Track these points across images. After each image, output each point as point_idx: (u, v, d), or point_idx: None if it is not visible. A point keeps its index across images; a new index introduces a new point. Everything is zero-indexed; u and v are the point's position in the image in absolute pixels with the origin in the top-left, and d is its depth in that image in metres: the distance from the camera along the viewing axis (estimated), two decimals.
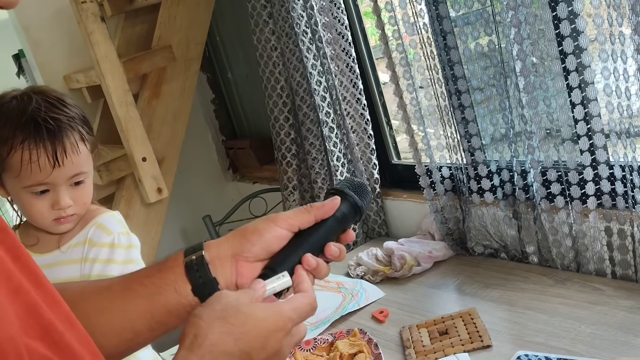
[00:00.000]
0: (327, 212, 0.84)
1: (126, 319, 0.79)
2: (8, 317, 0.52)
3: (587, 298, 1.41)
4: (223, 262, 0.81)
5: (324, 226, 0.84)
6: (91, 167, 1.39)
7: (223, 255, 0.81)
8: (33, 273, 0.59)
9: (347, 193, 0.86)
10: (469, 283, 1.62)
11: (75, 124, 1.33)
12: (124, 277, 0.85)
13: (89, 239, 1.41)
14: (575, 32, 1.33)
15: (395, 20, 1.67)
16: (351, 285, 1.74)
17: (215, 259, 0.81)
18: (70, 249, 1.42)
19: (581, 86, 1.36)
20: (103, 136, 2.47)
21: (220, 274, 0.80)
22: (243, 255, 0.81)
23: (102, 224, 1.42)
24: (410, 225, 2.02)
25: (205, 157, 2.91)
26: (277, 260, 0.82)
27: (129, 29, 2.41)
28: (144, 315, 0.79)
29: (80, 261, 1.41)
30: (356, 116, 2.01)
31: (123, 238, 1.42)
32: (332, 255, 0.84)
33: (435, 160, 1.74)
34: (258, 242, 0.81)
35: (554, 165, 1.49)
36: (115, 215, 1.47)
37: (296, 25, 1.94)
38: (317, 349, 1.46)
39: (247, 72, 2.74)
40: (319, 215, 0.84)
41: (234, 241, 0.82)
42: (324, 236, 0.84)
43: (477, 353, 1.31)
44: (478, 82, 1.58)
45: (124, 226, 1.45)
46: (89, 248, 1.40)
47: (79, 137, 1.33)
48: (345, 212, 0.86)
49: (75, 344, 0.59)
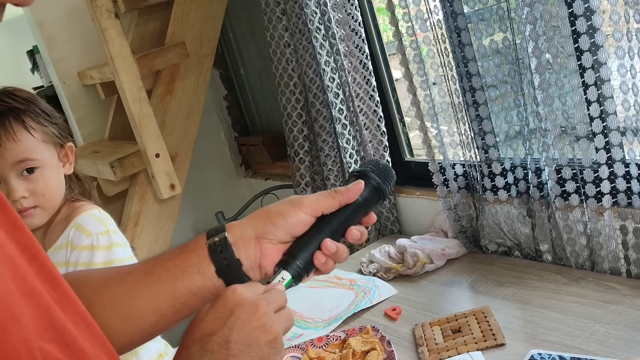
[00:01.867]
0: (352, 197, 0.84)
1: (150, 303, 0.80)
2: (24, 319, 0.52)
3: (602, 297, 1.40)
4: (246, 244, 0.82)
5: (346, 211, 0.84)
6: (47, 158, 1.40)
7: (246, 237, 0.82)
8: (49, 273, 0.59)
9: (371, 177, 0.85)
10: (482, 281, 1.62)
11: (19, 112, 1.36)
12: (145, 262, 0.86)
13: (70, 242, 1.41)
14: (592, 29, 1.31)
15: (409, 16, 1.66)
16: (364, 283, 1.73)
17: (238, 240, 0.81)
18: (56, 252, 1.42)
19: (597, 83, 1.35)
20: (117, 132, 2.48)
21: (243, 255, 0.81)
22: (267, 238, 0.82)
23: (81, 225, 1.41)
24: (423, 223, 2.01)
25: (218, 154, 2.91)
26: (298, 247, 0.83)
27: (143, 25, 2.42)
28: (167, 299, 0.80)
29: (64, 264, 1.41)
30: (369, 113, 2.01)
31: (102, 238, 1.40)
32: (353, 238, 0.84)
33: (448, 157, 1.74)
34: (282, 226, 0.82)
35: (569, 163, 1.48)
36: (94, 213, 1.44)
37: (309, 21, 1.94)
38: (329, 345, 1.46)
39: (260, 69, 2.74)
40: (344, 201, 0.84)
41: (257, 223, 0.83)
42: (345, 221, 0.84)
43: (491, 351, 1.30)
44: (492, 79, 1.57)
45: (104, 224, 1.43)
46: (71, 251, 1.40)
47: (20, 126, 1.35)
48: (367, 196, 0.85)
49: (89, 347, 0.59)
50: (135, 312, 0.79)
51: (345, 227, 0.84)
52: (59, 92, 2.49)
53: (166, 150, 2.25)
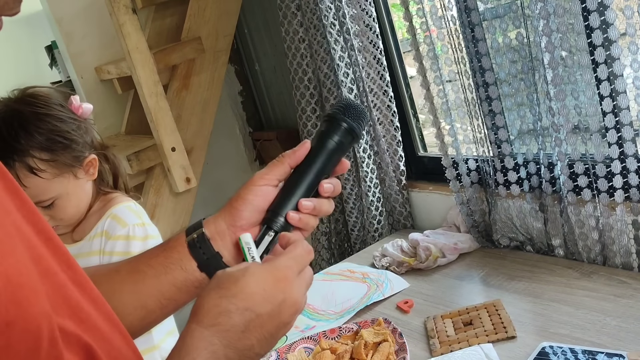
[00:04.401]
0: (299, 157, 0.84)
1: (137, 299, 0.82)
2: (41, 295, 0.54)
3: (613, 291, 1.40)
4: (223, 237, 0.83)
5: (317, 161, 0.84)
6: (62, 188, 1.38)
7: (220, 230, 0.84)
8: (64, 255, 0.62)
9: (340, 118, 0.84)
10: (494, 275, 1.63)
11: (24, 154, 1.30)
12: (130, 260, 0.88)
13: (105, 231, 1.42)
14: (605, 24, 1.32)
15: (423, 12, 1.67)
16: (376, 276, 1.75)
17: (214, 234, 0.83)
18: (90, 241, 1.44)
19: (610, 79, 1.35)
20: (133, 126, 2.51)
21: (222, 248, 0.83)
22: (237, 225, 0.83)
23: (117, 215, 1.43)
24: (435, 217, 2.02)
25: (232, 149, 2.93)
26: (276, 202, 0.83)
27: (159, 20, 2.44)
28: (153, 294, 0.82)
29: (99, 252, 1.43)
30: (383, 108, 2.02)
31: (138, 229, 1.42)
32: (326, 192, 0.85)
33: (461, 152, 1.75)
34: (244, 207, 0.83)
35: (582, 157, 1.48)
36: (130, 206, 1.46)
37: (324, 17, 1.95)
38: (342, 337, 1.48)
39: (274, 64, 2.75)
40: (293, 163, 0.85)
41: (225, 214, 0.85)
42: (318, 172, 0.84)
43: (502, 344, 1.31)
44: (505, 75, 1.58)
45: (139, 217, 1.45)
46: (106, 240, 1.42)
47: (27, 171, 1.31)
48: (340, 138, 0.85)
49: (102, 323, 0.62)
50: (123, 309, 0.80)
51: (318, 180, 0.84)
52: (77, 86, 2.52)
53: (182, 144, 2.27)
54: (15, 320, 0.50)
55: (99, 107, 2.50)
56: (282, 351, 1.45)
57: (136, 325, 0.83)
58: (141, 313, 0.83)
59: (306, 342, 1.47)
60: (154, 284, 0.82)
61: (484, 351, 1.28)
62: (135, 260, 0.87)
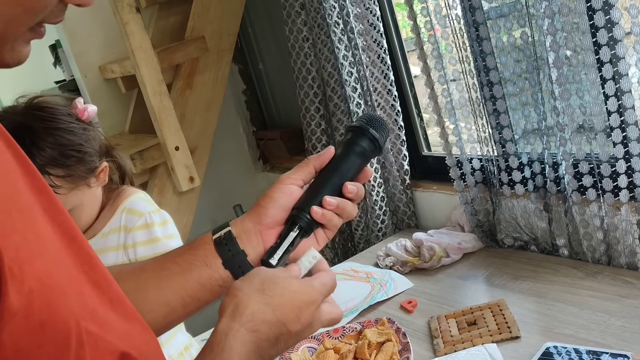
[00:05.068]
0: (324, 160, 0.88)
1: (161, 296, 0.83)
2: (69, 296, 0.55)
3: (618, 291, 1.40)
4: (249, 236, 0.86)
5: (342, 165, 0.88)
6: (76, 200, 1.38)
7: (247, 229, 0.86)
8: (87, 254, 0.63)
9: (364, 127, 0.89)
10: (498, 275, 1.62)
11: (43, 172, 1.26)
12: (156, 258, 0.90)
13: (123, 226, 1.44)
14: (610, 23, 1.31)
15: (428, 11, 1.67)
16: (380, 276, 1.75)
17: (241, 233, 0.86)
18: (104, 237, 1.44)
19: (615, 78, 1.35)
20: (137, 125, 2.51)
21: (248, 247, 0.85)
22: (263, 223, 0.86)
23: (131, 208, 1.44)
24: (439, 217, 2.02)
25: (236, 148, 2.93)
26: (301, 199, 0.87)
27: (163, 19, 2.44)
28: (177, 291, 0.83)
29: (116, 248, 1.43)
30: (387, 107, 2.02)
31: (155, 216, 1.44)
32: (350, 193, 0.87)
33: (465, 151, 1.74)
34: (271, 204, 0.86)
35: (586, 157, 1.48)
36: (141, 196, 1.48)
37: (328, 16, 1.95)
38: (345, 336, 1.47)
39: (278, 63, 2.75)
40: (318, 165, 0.88)
41: (252, 213, 0.87)
42: (342, 174, 0.88)
43: (506, 344, 1.31)
44: (510, 74, 1.58)
45: (152, 204, 1.47)
46: (126, 234, 1.43)
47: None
48: (364, 146, 0.89)
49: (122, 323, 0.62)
50: (147, 305, 0.82)
51: (341, 182, 0.87)
52: (81, 85, 2.52)
53: (185, 143, 2.27)
54: (47, 321, 0.51)
55: (103, 106, 2.51)
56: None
57: (160, 322, 0.84)
58: (164, 310, 0.84)
59: (310, 341, 1.47)
60: (178, 280, 0.84)
61: (488, 351, 1.28)
62: (160, 258, 0.89)
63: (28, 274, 0.51)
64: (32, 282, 0.51)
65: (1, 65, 0.59)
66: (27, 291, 0.50)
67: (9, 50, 0.58)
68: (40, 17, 0.58)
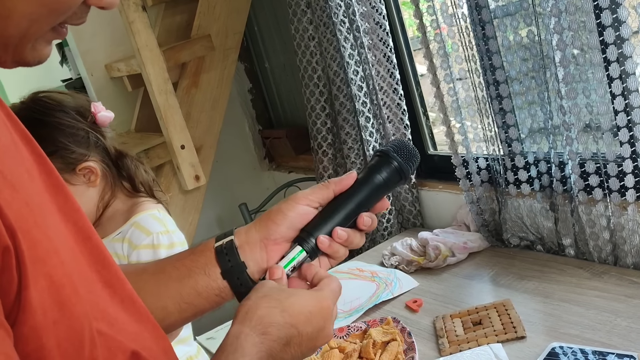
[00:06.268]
0: (345, 186, 0.85)
1: (158, 299, 0.82)
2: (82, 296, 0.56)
3: (624, 291, 1.39)
4: (252, 247, 0.83)
5: (362, 194, 0.84)
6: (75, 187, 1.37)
7: (252, 241, 0.83)
8: (101, 254, 0.63)
9: (393, 156, 0.84)
10: (503, 274, 1.62)
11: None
12: (157, 261, 0.90)
13: (128, 239, 1.42)
14: (617, 22, 1.31)
15: (434, 9, 1.66)
16: (385, 275, 1.74)
17: (244, 244, 0.83)
18: (110, 242, 1.43)
19: (622, 77, 1.34)
20: (143, 124, 2.52)
21: (250, 259, 0.83)
22: (271, 238, 0.83)
23: (140, 224, 1.42)
24: (445, 216, 2.02)
25: (242, 146, 2.94)
26: (312, 224, 0.83)
27: (169, 18, 2.44)
28: (174, 296, 0.83)
29: (115, 256, 1.42)
30: (393, 106, 2.01)
31: (162, 237, 1.41)
32: (364, 225, 0.85)
33: (471, 150, 1.74)
34: (282, 221, 0.83)
35: (593, 156, 1.47)
36: (154, 214, 1.45)
37: (334, 14, 1.95)
38: (350, 336, 1.47)
39: (284, 62, 2.75)
40: (337, 190, 0.85)
41: (260, 225, 0.84)
42: (360, 204, 0.84)
43: (511, 344, 1.30)
44: (516, 73, 1.57)
45: (163, 225, 1.44)
46: (130, 250, 1.41)
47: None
48: (388, 176, 0.84)
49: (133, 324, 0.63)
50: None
51: (359, 211, 0.84)
52: (87, 84, 2.53)
53: (191, 142, 2.28)
54: (60, 319, 0.52)
55: (109, 105, 2.47)
56: None
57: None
58: (161, 314, 0.83)
59: None
60: (175, 286, 0.83)
61: (493, 351, 1.28)
62: (162, 261, 0.89)
63: (43, 271, 0.52)
64: (46, 280, 0.52)
65: (21, 63, 0.60)
66: (40, 288, 0.51)
67: (30, 48, 0.59)
68: (63, 17, 0.59)
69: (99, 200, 1.46)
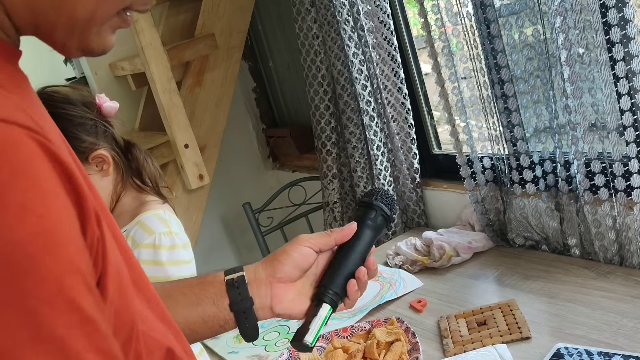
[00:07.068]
0: (346, 236, 0.91)
1: None
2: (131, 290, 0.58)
3: (630, 292, 1.38)
4: (259, 285, 0.88)
5: (362, 240, 0.92)
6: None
7: (259, 278, 0.89)
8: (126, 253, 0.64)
9: (379, 206, 0.94)
10: (508, 274, 1.61)
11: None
12: (164, 285, 0.92)
13: (131, 237, 1.42)
14: (623, 21, 1.30)
15: (438, 8, 1.66)
16: (389, 275, 1.74)
17: (252, 280, 0.88)
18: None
19: (628, 76, 1.33)
20: (147, 123, 2.51)
21: (255, 295, 0.88)
22: (276, 277, 0.89)
23: (144, 223, 1.43)
24: (450, 216, 2.01)
25: (246, 146, 2.93)
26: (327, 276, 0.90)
27: (173, 17, 2.44)
28: (180, 322, 0.84)
29: None
30: (397, 105, 2.01)
31: (165, 238, 1.41)
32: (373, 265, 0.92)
33: (476, 150, 1.73)
34: (287, 261, 0.89)
35: (598, 156, 1.46)
36: (159, 214, 1.45)
37: (338, 13, 1.94)
38: (354, 336, 1.47)
39: (288, 61, 2.75)
40: (339, 239, 0.91)
41: (267, 265, 0.90)
42: (365, 248, 0.92)
43: (516, 344, 1.30)
44: (521, 72, 1.56)
45: (167, 225, 1.44)
46: (132, 248, 1.41)
47: None
48: (379, 223, 0.94)
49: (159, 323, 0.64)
50: None
51: (364, 256, 0.91)
52: (91, 83, 2.52)
53: (195, 141, 2.27)
54: (120, 310, 0.53)
55: None
56: (294, 349, 1.44)
57: None
58: None
59: (318, 340, 1.46)
60: (183, 312, 0.85)
61: (498, 352, 1.27)
62: (169, 285, 0.91)
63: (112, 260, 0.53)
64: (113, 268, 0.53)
65: (86, 51, 0.60)
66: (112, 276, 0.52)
67: (95, 34, 0.59)
68: (129, 1, 0.59)
69: (113, 191, 1.47)
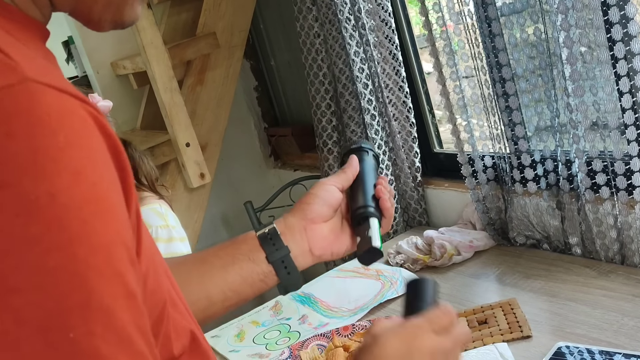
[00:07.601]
0: (355, 167, 0.96)
1: (202, 289, 0.84)
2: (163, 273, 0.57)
3: (632, 291, 1.38)
4: (292, 232, 0.89)
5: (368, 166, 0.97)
6: None
7: (291, 225, 0.89)
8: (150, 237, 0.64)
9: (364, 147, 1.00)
10: (509, 273, 1.61)
11: None
12: (197, 253, 0.93)
13: None
14: (625, 19, 1.30)
15: (440, 7, 1.66)
16: (390, 273, 1.74)
17: (284, 230, 0.88)
18: None
19: (630, 74, 1.33)
20: (148, 122, 2.52)
21: (291, 242, 0.88)
22: (308, 218, 0.89)
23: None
24: (451, 215, 2.01)
25: (247, 144, 2.93)
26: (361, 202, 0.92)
27: (175, 15, 2.44)
28: (219, 284, 0.85)
29: None
30: (398, 104, 2.00)
31: (161, 231, 1.42)
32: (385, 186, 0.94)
33: (477, 148, 1.73)
34: (315, 200, 0.90)
35: (600, 155, 1.46)
36: (155, 208, 1.46)
37: (339, 12, 1.94)
38: (355, 334, 1.47)
39: (289, 60, 2.74)
40: (352, 172, 0.95)
41: (295, 211, 0.91)
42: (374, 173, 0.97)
43: (517, 343, 1.30)
44: (523, 71, 1.56)
45: (163, 219, 1.45)
46: None
47: None
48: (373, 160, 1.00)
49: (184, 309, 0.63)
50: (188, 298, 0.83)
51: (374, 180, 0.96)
52: (93, 82, 2.53)
53: (196, 139, 2.27)
54: (155, 290, 0.53)
55: (115, 102, 2.48)
56: (295, 348, 1.45)
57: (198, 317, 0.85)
58: (204, 304, 0.85)
59: (319, 339, 1.47)
60: (220, 274, 0.85)
61: (498, 351, 1.27)
62: (201, 253, 0.91)
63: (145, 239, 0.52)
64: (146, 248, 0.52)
65: (118, 24, 0.60)
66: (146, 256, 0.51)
67: (129, 6, 0.60)
68: None
69: None
